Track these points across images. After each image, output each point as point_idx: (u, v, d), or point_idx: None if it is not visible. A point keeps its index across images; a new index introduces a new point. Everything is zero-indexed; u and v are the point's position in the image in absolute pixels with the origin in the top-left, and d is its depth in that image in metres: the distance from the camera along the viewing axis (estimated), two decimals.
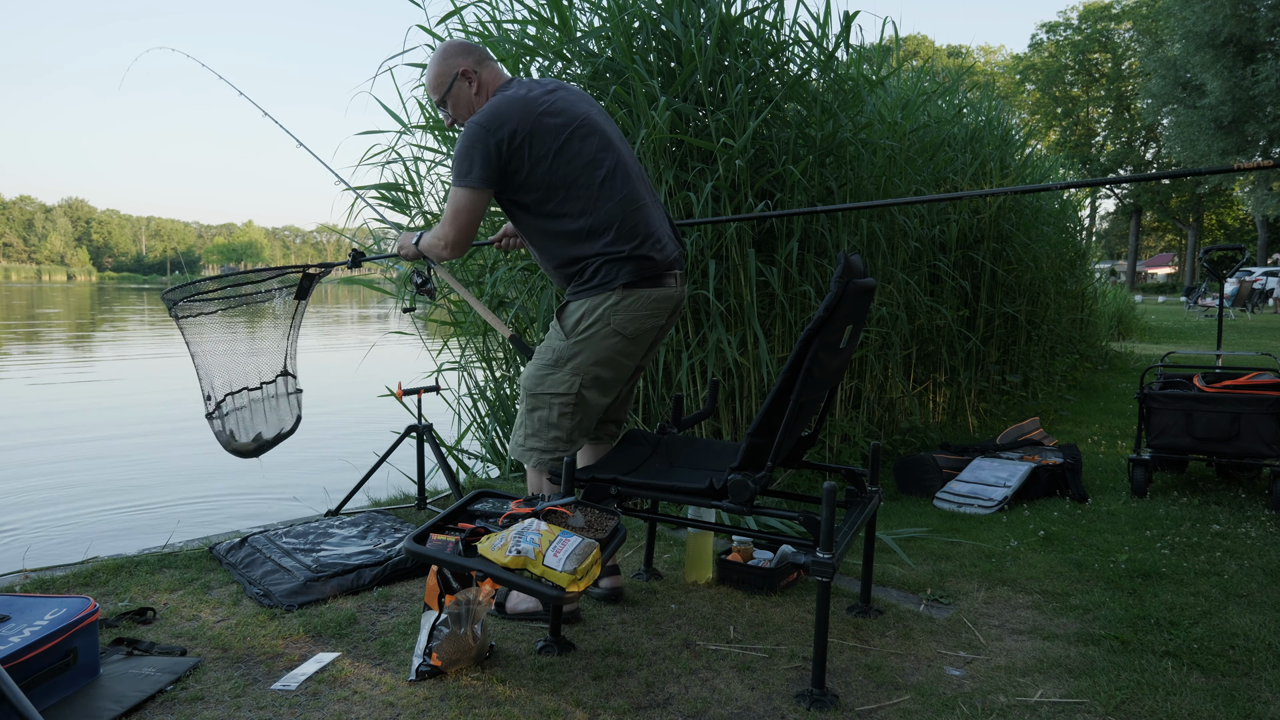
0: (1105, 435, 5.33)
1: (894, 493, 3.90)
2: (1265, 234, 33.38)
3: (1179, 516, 3.41)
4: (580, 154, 2.22)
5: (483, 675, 1.99)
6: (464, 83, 2.31)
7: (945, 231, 5.13)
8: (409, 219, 4.20)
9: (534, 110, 2.20)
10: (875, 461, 2.37)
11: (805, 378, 1.93)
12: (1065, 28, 43.03)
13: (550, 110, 2.22)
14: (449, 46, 2.35)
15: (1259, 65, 21.91)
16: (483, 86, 2.32)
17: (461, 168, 2.19)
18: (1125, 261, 44.23)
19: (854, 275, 1.92)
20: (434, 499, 3.61)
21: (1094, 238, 41.19)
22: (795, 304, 3.82)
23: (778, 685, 1.97)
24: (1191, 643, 2.18)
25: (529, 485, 2.40)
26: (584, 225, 2.21)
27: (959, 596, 2.55)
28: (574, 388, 2.27)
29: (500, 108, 2.20)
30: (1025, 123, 16.20)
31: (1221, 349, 4.59)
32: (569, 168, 2.20)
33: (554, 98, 2.25)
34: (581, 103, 2.30)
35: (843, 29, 3.95)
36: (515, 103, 2.20)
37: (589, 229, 2.21)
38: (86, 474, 5.00)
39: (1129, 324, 13.98)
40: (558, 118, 2.21)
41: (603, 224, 2.21)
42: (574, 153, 2.21)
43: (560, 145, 2.20)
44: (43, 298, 37.62)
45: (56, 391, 8.50)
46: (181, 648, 2.12)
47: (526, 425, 2.34)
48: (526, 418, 2.34)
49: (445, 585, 2.03)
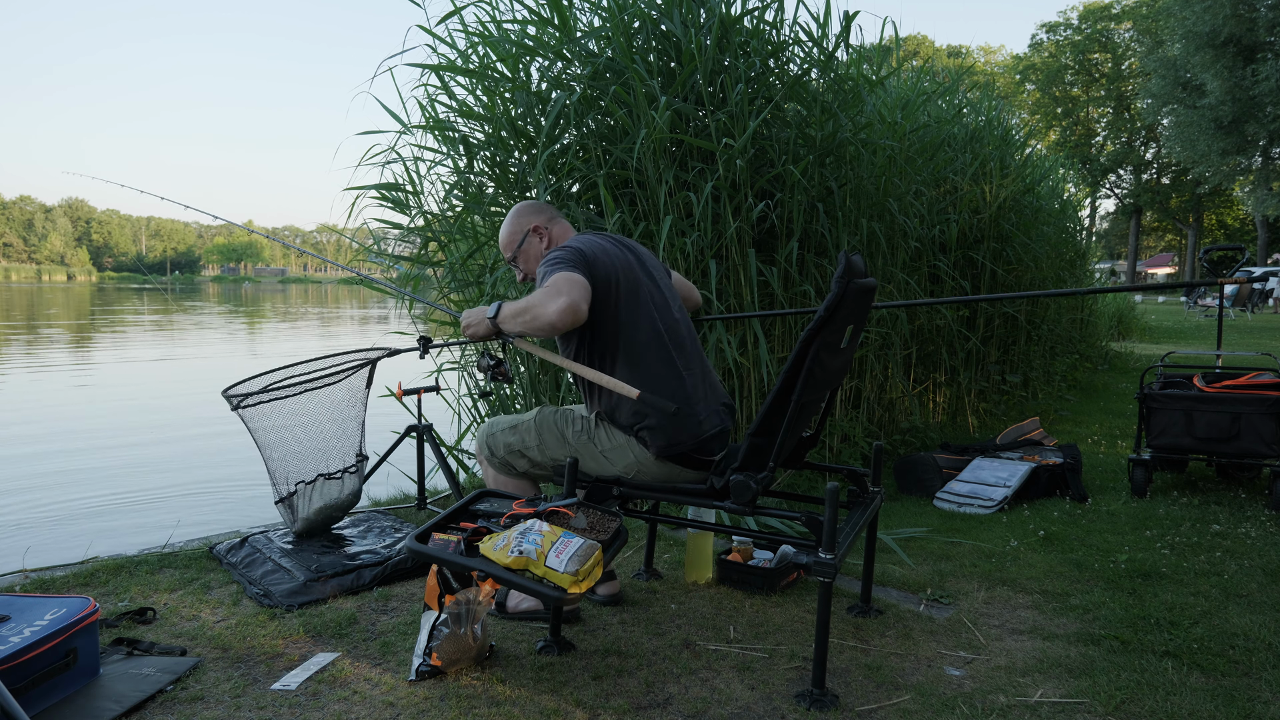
0: (1105, 435, 5.33)
1: (894, 493, 3.90)
2: (1265, 234, 33.37)
3: (1179, 516, 3.41)
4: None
5: (483, 675, 1.99)
6: (535, 238, 2.40)
7: (945, 231, 5.13)
8: (409, 219, 4.20)
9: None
10: (877, 462, 2.37)
11: (806, 378, 1.92)
12: (1065, 28, 43.01)
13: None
14: (521, 207, 2.45)
15: (1259, 65, 21.90)
16: (553, 241, 2.40)
17: (556, 260, 2.18)
18: (1125, 261, 44.24)
19: (855, 275, 1.92)
20: (434, 499, 3.61)
21: (1094, 238, 41.17)
22: (795, 304, 3.82)
23: (778, 685, 1.97)
24: (1191, 643, 2.18)
25: (487, 478, 2.44)
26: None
27: (959, 596, 2.55)
28: (555, 459, 2.31)
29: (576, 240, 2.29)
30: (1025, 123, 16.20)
31: (1221, 349, 4.58)
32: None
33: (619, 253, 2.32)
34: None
35: (843, 29, 3.95)
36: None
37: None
38: (87, 474, 4.99)
39: (1129, 324, 13.98)
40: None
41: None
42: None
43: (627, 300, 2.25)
44: (43, 298, 37.62)
45: (57, 391, 8.50)
46: (181, 648, 2.12)
47: (519, 434, 2.34)
48: (522, 432, 2.35)
49: (445, 585, 2.03)
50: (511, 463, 2.35)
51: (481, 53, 3.89)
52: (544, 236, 2.40)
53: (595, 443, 2.26)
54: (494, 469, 2.39)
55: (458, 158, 3.93)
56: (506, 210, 3.94)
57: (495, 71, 3.82)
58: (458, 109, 3.91)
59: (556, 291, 2.02)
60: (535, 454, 2.31)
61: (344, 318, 24.14)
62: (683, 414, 2.18)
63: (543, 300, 2.02)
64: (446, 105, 3.95)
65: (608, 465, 2.25)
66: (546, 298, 2.02)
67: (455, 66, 3.87)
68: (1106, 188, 42.79)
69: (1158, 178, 41.39)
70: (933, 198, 5.07)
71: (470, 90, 3.91)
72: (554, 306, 1.99)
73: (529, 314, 2.04)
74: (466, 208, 3.96)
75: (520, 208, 2.44)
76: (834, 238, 3.88)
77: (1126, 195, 42.19)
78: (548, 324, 2.01)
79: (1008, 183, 5.66)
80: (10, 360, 11.48)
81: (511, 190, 3.88)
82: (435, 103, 3.98)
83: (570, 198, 3.77)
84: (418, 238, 4.26)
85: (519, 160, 3.85)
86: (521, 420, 2.36)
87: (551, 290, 2.03)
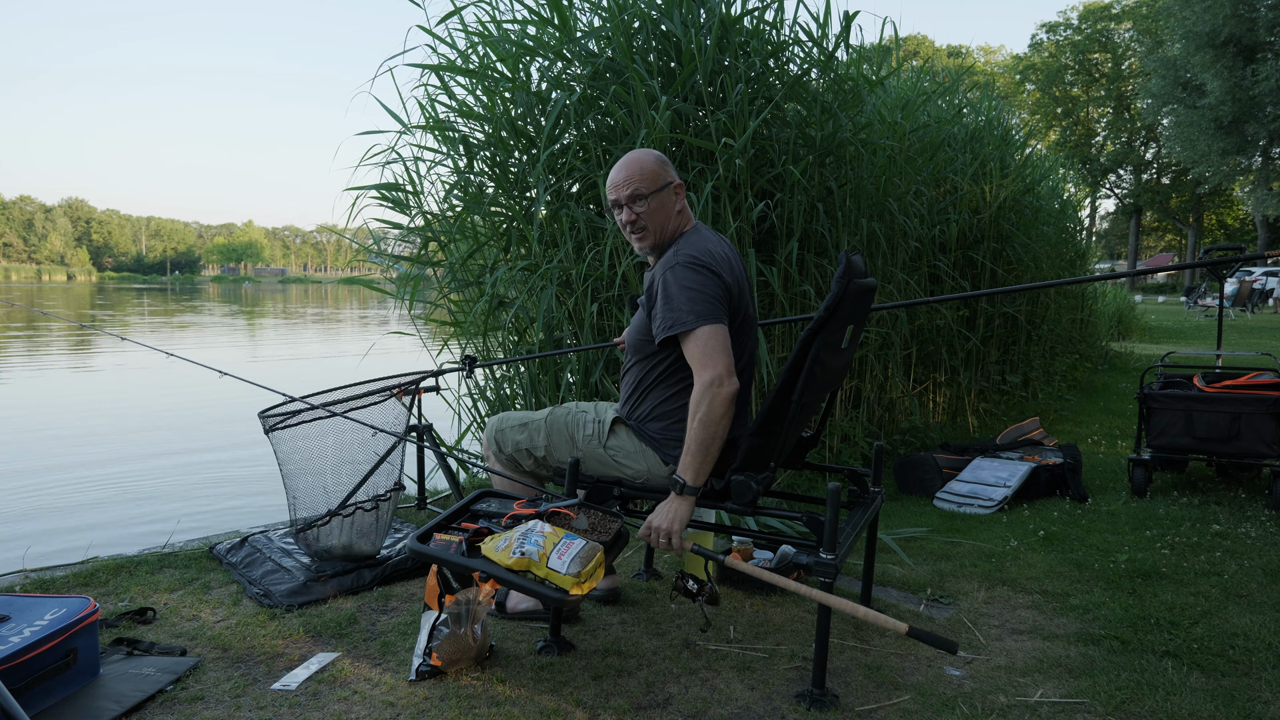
0: (1105, 435, 5.33)
1: (894, 493, 3.90)
2: (1265, 234, 33.35)
3: (1179, 516, 3.41)
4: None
5: (483, 675, 1.99)
6: (675, 197, 2.14)
7: (945, 231, 5.13)
8: (409, 219, 4.20)
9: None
10: (878, 462, 2.37)
11: (807, 378, 1.92)
12: (1065, 28, 43.00)
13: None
14: (659, 154, 2.18)
15: (1259, 65, 21.89)
16: (684, 211, 2.17)
17: (702, 289, 2.00)
18: (1125, 261, 44.24)
19: (855, 275, 1.92)
20: (434, 499, 3.61)
21: (1094, 238, 41.20)
22: (795, 304, 3.82)
23: (778, 685, 1.97)
24: (1191, 643, 2.18)
25: (498, 471, 2.40)
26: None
27: (959, 596, 2.55)
28: (561, 461, 2.28)
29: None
30: (1025, 123, 16.20)
31: (1221, 349, 4.58)
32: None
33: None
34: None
35: (843, 29, 3.95)
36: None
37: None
38: (87, 474, 4.99)
39: (1129, 324, 13.97)
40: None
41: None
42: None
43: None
44: (43, 298, 37.61)
45: (57, 391, 8.50)
46: (181, 648, 2.12)
47: (529, 433, 2.33)
48: (532, 431, 2.34)
49: (445, 585, 2.03)
50: (518, 460, 2.35)
51: (481, 53, 3.89)
52: (679, 197, 2.14)
53: (606, 447, 2.24)
54: (500, 464, 2.38)
55: (458, 158, 3.93)
56: (506, 210, 3.95)
57: (495, 71, 3.82)
58: (458, 109, 3.91)
59: (717, 382, 1.90)
60: (542, 454, 2.31)
61: (345, 317, 24.13)
62: (729, 443, 2.11)
63: (709, 409, 1.90)
64: (446, 105, 3.95)
65: (615, 469, 2.24)
66: (709, 399, 1.90)
67: (455, 66, 3.87)
68: (1106, 188, 42.78)
69: (1158, 178, 41.39)
70: (933, 198, 5.07)
71: (470, 90, 3.92)
72: (722, 409, 1.90)
73: (714, 443, 1.93)
74: (466, 208, 3.96)
75: (659, 154, 2.17)
76: (834, 238, 3.88)
77: (1126, 195, 42.18)
78: (724, 431, 1.93)
79: (1008, 183, 5.66)
80: (10, 360, 11.48)
81: (511, 190, 3.88)
82: (435, 103, 3.98)
83: (570, 198, 3.77)
84: (418, 238, 4.26)
85: (519, 160, 3.85)
86: (532, 419, 2.35)
87: (711, 382, 1.90)
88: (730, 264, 2.10)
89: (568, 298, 3.64)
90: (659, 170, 2.11)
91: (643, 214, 2.10)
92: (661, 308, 2.00)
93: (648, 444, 2.20)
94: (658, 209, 2.10)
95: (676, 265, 2.00)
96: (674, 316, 1.97)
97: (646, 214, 2.10)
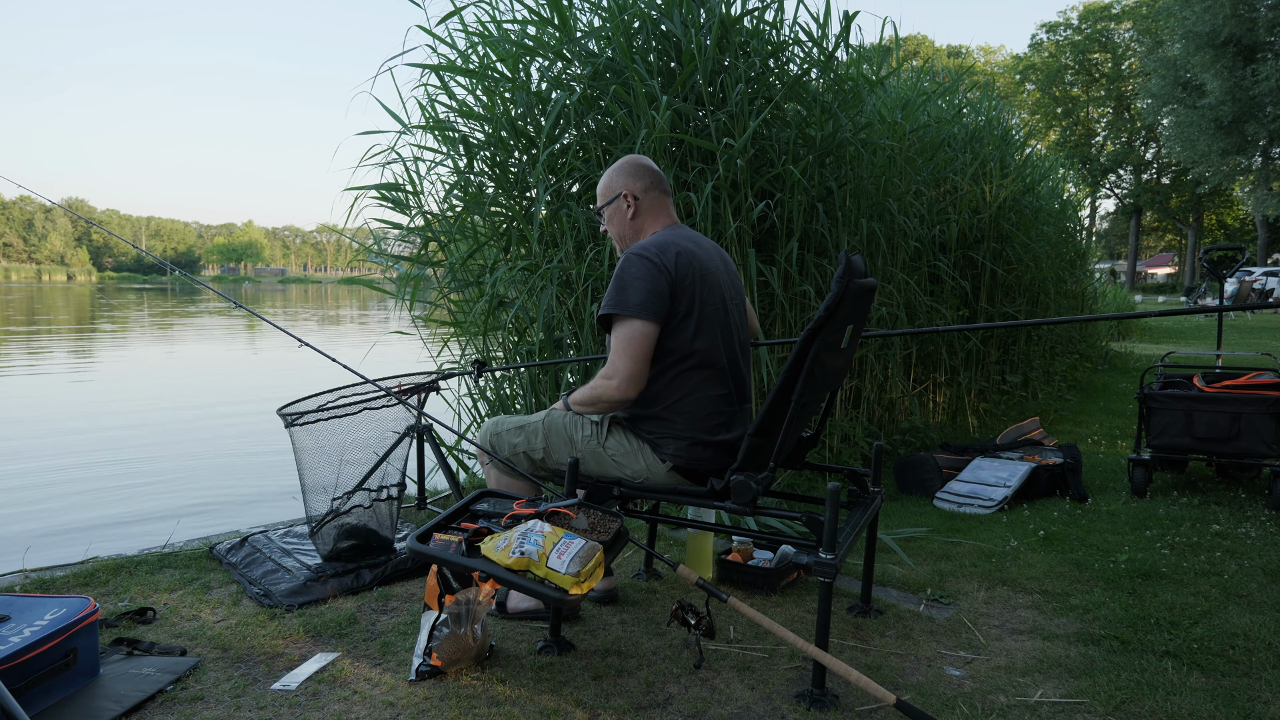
0: (1105, 435, 5.33)
1: (894, 493, 3.90)
2: (1265, 234, 33.37)
3: (1179, 516, 3.41)
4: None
5: (483, 675, 1.99)
6: (623, 203, 2.27)
7: (945, 231, 5.13)
8: (409, 219, 4.20)
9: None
10: (878, 462, 2.37)
11: (806, 377, 1.92)
12: (1065, 28, 43.03)
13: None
14: (625, 164, 2.30)
15: (1259, 65, 21.91)
16: (638, 214, 2.28)
17: (633, 283, 2.12)
18: (1125, 261, 44.25)
19: (855, 275, 1.92)
20: (434, 499, 3.61)
21: (1094, 238, 41.21)
22: (795, 304, 3.82)
23: (778, 685, 1.97)
24: (1191, 643, 2.18)
25: (489, 476, 2.41)
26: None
27: (959, 596, 2.55)
28: (560, 463, 2.29)
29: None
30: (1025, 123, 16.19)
31: (1221, 349, 4.59)
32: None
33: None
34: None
35: (842, 29, 3.95)
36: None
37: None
38: (87, 473, 4.99)
39: (1129, 324, 13.98)
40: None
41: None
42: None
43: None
44: (43, 298, 37.60)
45: (57, 391, 8.50)
46: (181, 648, 2.12)
47: (525, 435, 2.33)
48: (529, 434, 2.33)
49: (445, 585, 2.03)
50: (514, 463, 2.35)
51: (481, 53, 3.89)
52: (631, 207, 2.26)
53: (605, 448, 2.24)
54: (495, 469, 2.38)
55: (458, 158, 3.93)
56: (506, 210, 3.95)
57: (495, 71, 3.82)
58: (458, 109, 3.91)
59: (615, 371, 2.09)
60: (540, 456, 2.31)
61: (345, 317, 24.14)
62: (724, 444, 2.18)
63: (592, 396, 2.13)
64: (446, 105, 3.95)
65: (614, 469, 2.24)
66: (608, 377, 2.10)
67: (455, 67, 3.87)
68: (1106, 188, 42.80)
69: (1158, 178, 41.41)
70: (933, 198, 5.07)
71: (470, 90, 3.92)
72: (605, 405, 2.14)
73: (598, 405, 2.16)
74: (466, 208, 3.96)
75: (624, 164, 2.29)
76: (834, 238, 3.88)
77: (1126, 195, 42.21)
78: (612, 406, 2.15)
79: (1008, 183, 5.66)
80: (10, 360, 11.48)
81: (511, 190, 3.88)
82: (435, 103, 3.98)
83: (570, 198, 3.77)
84: (418, 238, 4.26)
85: (519, 160, 3.85)
86: (529, 422, 2.34)
87: (615, 366, 2.09)
88: (692, 259, 2.15)
89: (568, 298, 3.64)
90: (610, 182, 2.30)
91: (602, 224, 2.34)
92: (608, 291, 2.15)
93: (644, 442, 2.21)
94: (612, 217, 2.31)
95: (629, 254, 2.15)
96: (612, 299, 2.11)
97: (605, 223, 2.33)
